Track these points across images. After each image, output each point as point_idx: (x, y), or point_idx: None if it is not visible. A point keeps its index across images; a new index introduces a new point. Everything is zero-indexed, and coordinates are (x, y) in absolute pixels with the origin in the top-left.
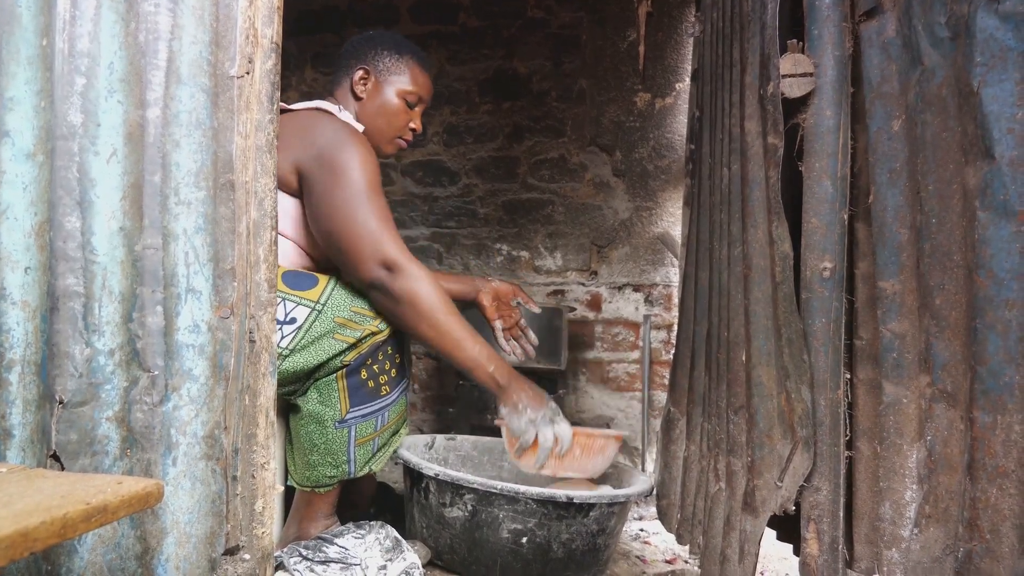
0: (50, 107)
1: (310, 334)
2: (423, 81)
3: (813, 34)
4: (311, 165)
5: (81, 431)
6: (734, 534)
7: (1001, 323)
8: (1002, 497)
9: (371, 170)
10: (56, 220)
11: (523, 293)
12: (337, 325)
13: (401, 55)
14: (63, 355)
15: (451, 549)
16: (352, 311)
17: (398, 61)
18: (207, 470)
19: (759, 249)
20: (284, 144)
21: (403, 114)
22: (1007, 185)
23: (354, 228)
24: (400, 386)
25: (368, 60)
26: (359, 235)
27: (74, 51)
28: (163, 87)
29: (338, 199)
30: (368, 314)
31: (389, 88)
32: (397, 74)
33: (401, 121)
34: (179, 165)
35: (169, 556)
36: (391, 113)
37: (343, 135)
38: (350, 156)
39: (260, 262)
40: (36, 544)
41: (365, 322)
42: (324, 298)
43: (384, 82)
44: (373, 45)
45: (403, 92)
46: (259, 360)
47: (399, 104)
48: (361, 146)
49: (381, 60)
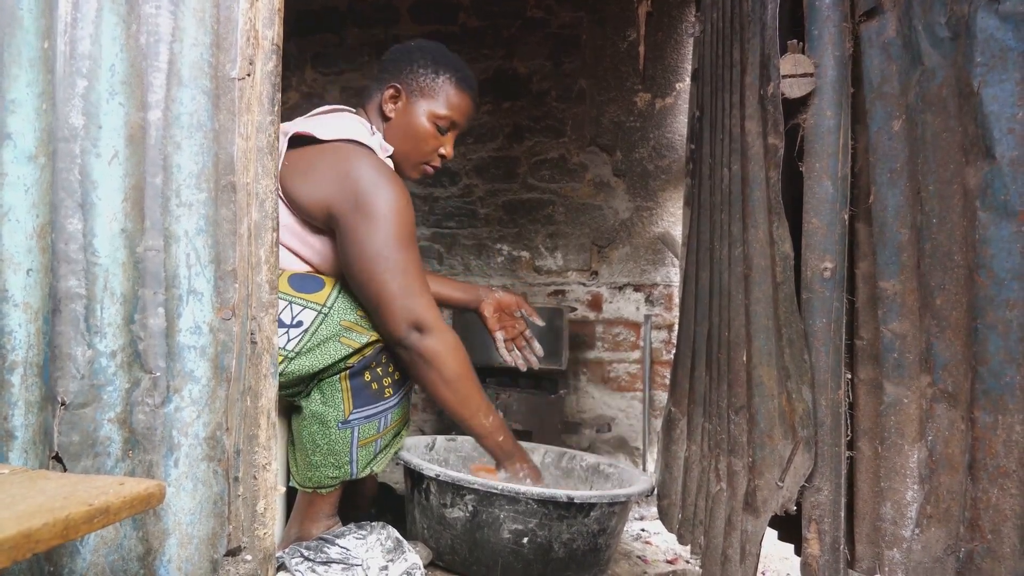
0: (52, 109)
1: (316, 337)
2: (460, 104)
3: (813, 34)
4: (344, 208)
5: (83, 432)
6: (735, 534)
7: (1002, 323)
8: (1003, 497)
9: (406, 217)
10: (58, 222)
11: (527, 304)
12: (343, 329)
13: (438, 74)
14: (65, 357)
15: (452, 550)
16: (358, 315)
17: (433, 80)
18: (209, 471)
19: (760, 249)
20: (317, 179)
21: (432, 140)
22: (1007, 185)
23: (385, 282)
24: (403, 388)
25: (401, 76)
26: (390, 291)
27: (75, 53)
28: (164, 89)
29: (370, 249)
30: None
31: (419, 110)
32: (430, 95)
33: (429, 147)
34: (180, 167)
35: (171, 557)
36: (419, 138)
37: (378, 176)
38: (385, 201)
39: (261, 263)
40: (39, 545)
41: (371, 326)
42: (331, 301)
43: (415, 103)
44: (409, 60)
45: (434, 116)
46: (260, 361)
47: (429, 129)
48: (396, 189)
49: (415, 78)
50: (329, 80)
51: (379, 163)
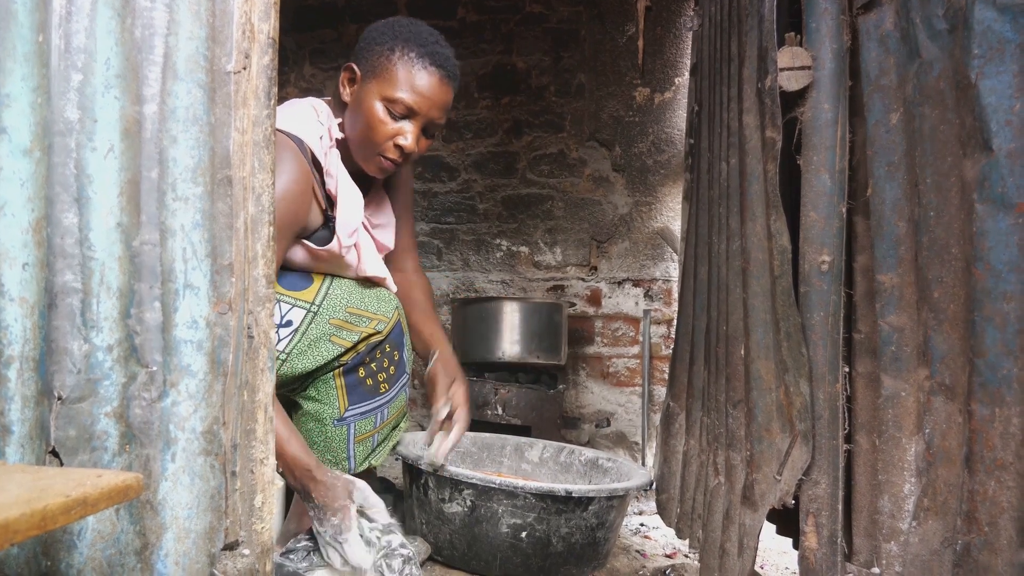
0: (47, 103)
1: (307, 337)
2: (418, 85)
3: (811, 27)
4: None
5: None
6: (733, 528)
7: (999, 316)
8: (1000, 490)
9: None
10: (54, 216)
11: (465, 408)
12: (334, 328)
13: (394, 50)
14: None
15: (451, 544)
16: (348, 312)
17: (388, 58)
18: (206, 466)
19: (757, 243)
20: None
21: (381, 126)
22: (1005, 177)
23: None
24: (399, 382)
25: (359, 55)
26: None
27: (70, 47)
28: (160, 83)
29: None
30: (365, 314)
31: (371, 92)
32: (383, 75)
33: (379, 135)
34: (176, 161)
35: (168, 551)
36: (368, 124)
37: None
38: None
39: (258, 258)
40: (16, 536)
41: (361, 323)
42: (319, 299)
43: (367, 84)
44: (369, 38)
45: (385, 98)
46: (257, 355)
47: (379, 112)
48: (286, 180)
49: (370, 55)
50: (328, 76)
51: (283, 152)
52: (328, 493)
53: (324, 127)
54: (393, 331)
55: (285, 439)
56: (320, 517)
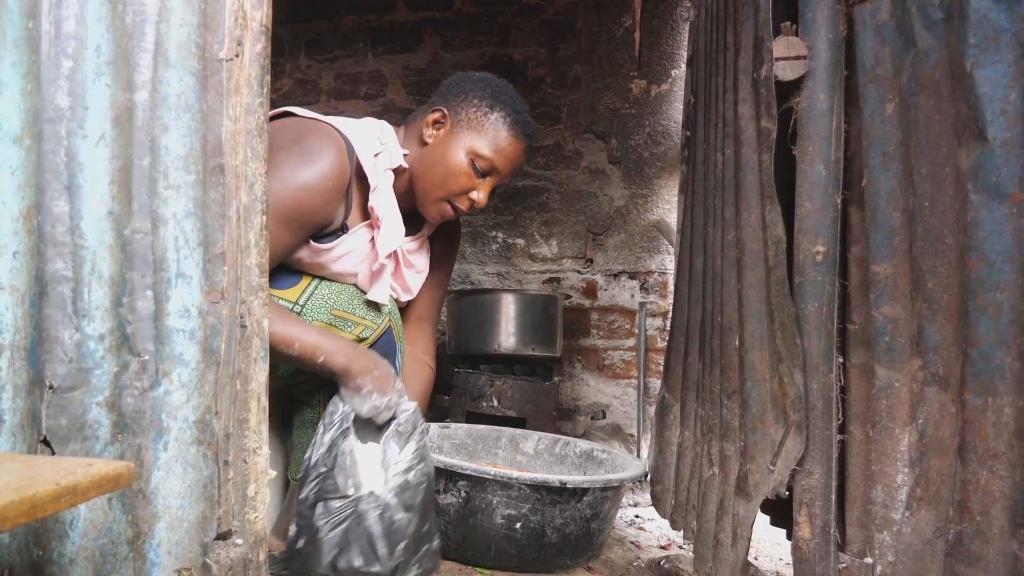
0: (37, 90)
1: None
2: (507, 149)
3: (807, 17)
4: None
5: (71, 416)
6: (727, 518)
7: (992, 305)
8: (992, 479)
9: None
10: (44, 204)
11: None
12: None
13: (492, 109)
14: (53, 340)
15: (445, 535)
16: (332, 314)
17: (485, 115)
18: (198, 455)
19: (752, 233)
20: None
21: (464, 178)
22: (999, 167)
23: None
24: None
25: (451, 102)
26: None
27: (60, 33)
28: (151, 70)
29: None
30: (351, 319)
31: (460, 143)
32: (476, 129)
33: (458, 185)
34: (168, 149)
35: (161, 541)
36: (451, 172)
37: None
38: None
39: (251, 247)
40: (5, 523)
41: (346, 327)
42: (303, 299)
43: (457, 134)
44: (466, 88)
45: (474, 153)
46: (250, 345)
47: (464, 164)
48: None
49: (465, 107)
50: (323, 67)
51: (324, 141)
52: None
53: (384, 147)
54: (383, 338)
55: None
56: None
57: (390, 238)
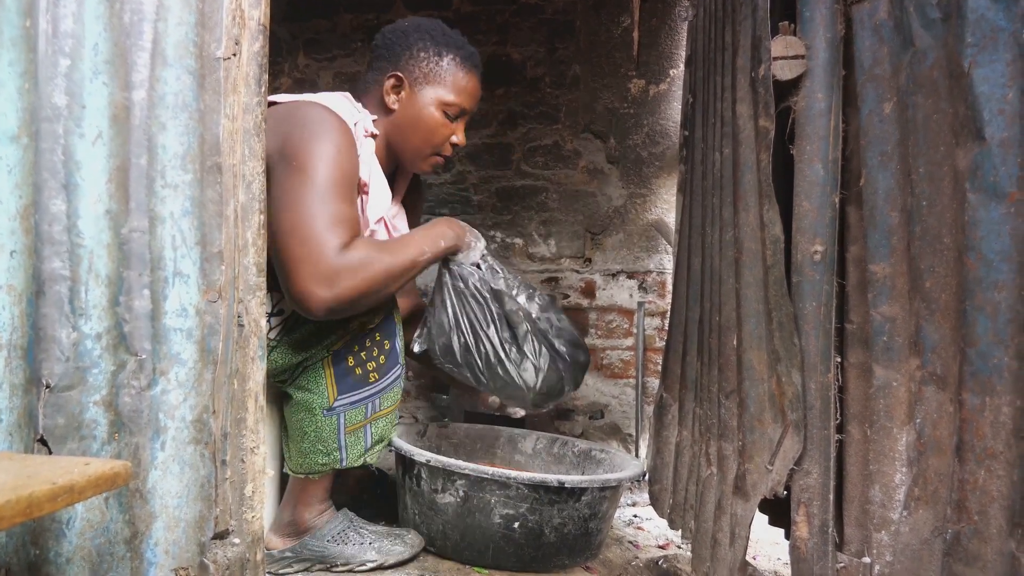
0: (34, 89)
1: (298, 323)
2: (468, 86)
3: (805, 16)
4: (273, 155)
5: (68, 415)
6: (725, 518)
7: (990, 305)
8: (990, 478)
9: (337, 166)
10: (41, 203)
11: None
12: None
13: (441, 55)
14: (49, 339)
15: (443, 535)
16: None
17: (437, 64)
18: (196, 454)
19: (750, 233)
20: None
21: (443, 128)
22: (997, 166)
23: (297, 242)
24: (392, 373)
25: (400, 63)
26: (295, 240)
27: (58, 32)
28: (148, 68)
29: (285, 192)
30: None
31: (426, 98)
32: (435, 81)
33: (440, 136)
34: (165, 147)
35: (158, 540)
36: (428, 128)
37: (317, 125)
38: (315, 146)
39: (248, 246)
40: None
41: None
42: None
43: (420, 91)
44: (408, 43)
45: (443, 103)
46: (248, 344)
47: (438, 117)
48: (337, 137)
49: (416, 64)
50: (322, 66)
51: (325, 113)
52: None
53: (360, 115)
54: (384, 321)
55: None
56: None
57: (379, 203)
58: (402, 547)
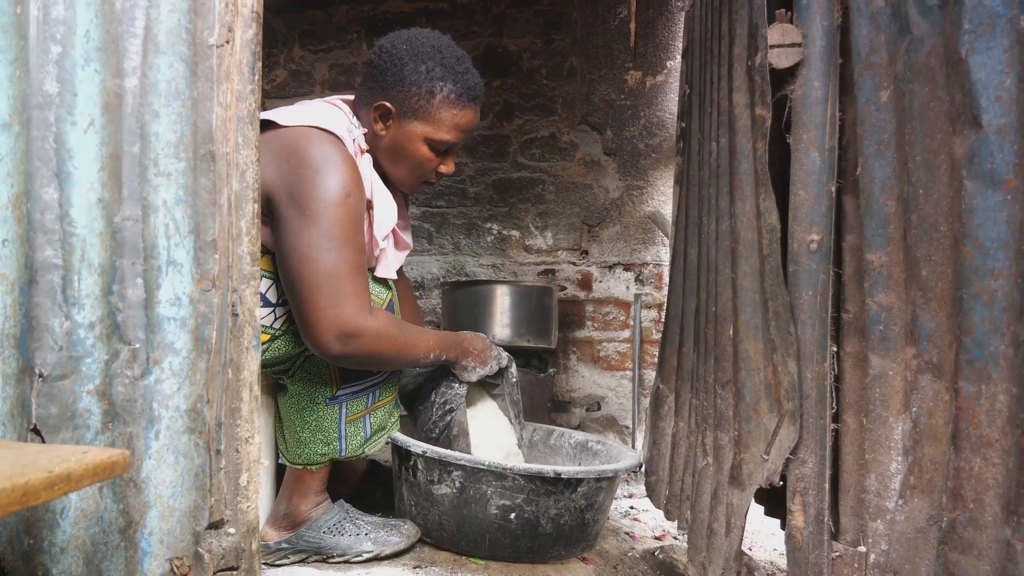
0: (25, 76)
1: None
2: (460, 122)
3: (802, 4)
4: (280, 194)
5: (62, 405)
6: (721, 508)
7: (987, 293)
8: (986, 467)
9: (345, 211)
10: (33, 191)
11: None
12: None
13: (433, 92)
14: (42, 328)
15: (440, 526)
16: None
17: (428, 100)
18: (190, 444)
19: (747, 222)
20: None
21: (428, 162)
22: (994, 154)
23: (311, 289)
24: None
25: (391, 92)
26: (316, 301)
27: (49, 19)
28: (141, 56)
29: (300, 246)
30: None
31: (413, 133)
32: (425, 117)
33: (425, 169)
34: (158, 136)
35: (153, 530)
36: (414, 162)
37: (323, 162)
38: (324, 193)
39: (242, 235)
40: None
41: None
42: None
43: (407, 124)
44: (401, 75)
45: (430, 140)
46: (242, 334)
47: (424, 152)
48: (341, 176)
49: (407, 97)
50: (317, 58)
51: (330, 147)
52: (480, 345)
53: (356, 132)
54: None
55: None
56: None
57: (385, 218)
58: (398, 537)
